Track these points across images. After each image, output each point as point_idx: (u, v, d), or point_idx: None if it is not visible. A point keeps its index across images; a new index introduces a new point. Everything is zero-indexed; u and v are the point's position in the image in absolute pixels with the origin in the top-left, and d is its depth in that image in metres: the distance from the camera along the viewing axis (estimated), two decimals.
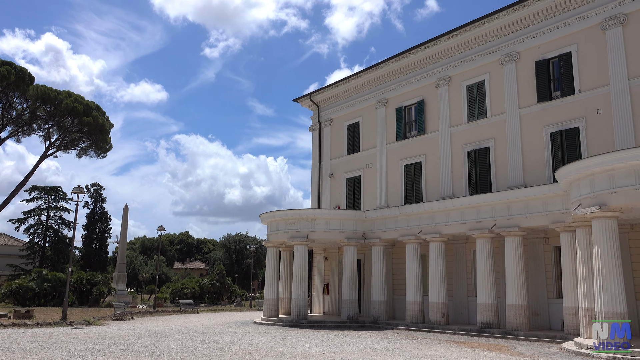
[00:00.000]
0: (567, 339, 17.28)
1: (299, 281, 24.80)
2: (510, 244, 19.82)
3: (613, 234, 14.78)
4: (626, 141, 18.77)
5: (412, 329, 21.98)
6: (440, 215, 22.45)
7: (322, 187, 31.72)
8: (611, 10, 19.97)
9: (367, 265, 27.69)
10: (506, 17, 22.93)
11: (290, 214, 25.66)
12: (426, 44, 26.02)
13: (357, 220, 25.62)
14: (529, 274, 20.89)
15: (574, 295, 17.58)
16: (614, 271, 14.49)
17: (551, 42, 21.75)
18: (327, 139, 32.06)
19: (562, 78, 21.28)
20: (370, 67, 29.13)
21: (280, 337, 18.81)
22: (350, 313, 24.62)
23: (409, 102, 27.38)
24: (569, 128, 20.69)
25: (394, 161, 27.55)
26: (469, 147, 24.15)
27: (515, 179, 21.99)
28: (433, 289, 22.23)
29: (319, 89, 32.66)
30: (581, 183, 15.63)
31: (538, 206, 19.14)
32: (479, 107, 24.08)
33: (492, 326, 20.02)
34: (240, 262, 77.72)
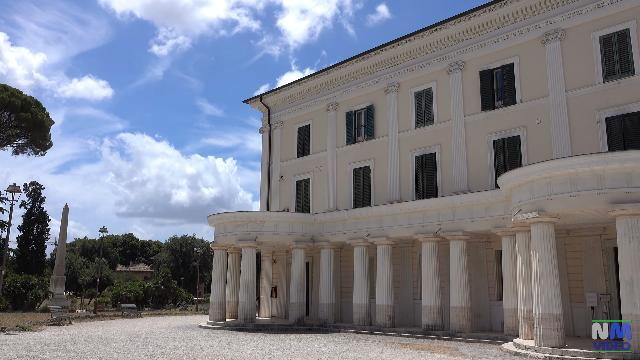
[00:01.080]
0: (507, 339, 17.92)
1: (247, 284, 24.60)
2: (455, 247, 20.38)
3: (550, 238, 15.45)
4: (563, 150, 19.68)
5: (359, 332, 22.21)
6: (387, 219, 22.82)
7: (272, 189, 31.62)
8: (550, 25, 20.91)
9: (315, 268, 27.79)
10: (453, 27, 23.60)
11: (238, 216, 25.43)
12: (376, 50, 26.43)
13: (306, 223, 25.68)
14: (472, 277, 21.53)
15: (513, 297, 18.25)
16: (550, 274, 15.14)
17: (495, 53, 22.55)
18: (277, 141, 32.00)
19: (505, 88, 22.09)
20: (321, 70, 29.31)
21: (227, 341, 18.59)
22: (298, 316, 24.63)
23: (359, 106, 27.72)
24: (510, 136, 21.49)
25: (343, 165, 27.81)
26: (416, 152, 24.68)
27: (460, 184, 22.64)
28: (380, 292, 22.56)
29: (269, 91, 32.56)
30: (521, 189, 16.26)
31: (481, 211, 19.77)
32: (426, 114, 24.65)
33: (436, 328, 20.50)
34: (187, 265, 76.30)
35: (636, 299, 13.46)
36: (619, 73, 19.00)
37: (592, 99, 19.45)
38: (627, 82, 18.72)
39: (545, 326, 14.83)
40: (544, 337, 14.79)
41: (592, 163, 14.34)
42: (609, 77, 19.22)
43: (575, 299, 18.77)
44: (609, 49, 19.34)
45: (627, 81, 18.71)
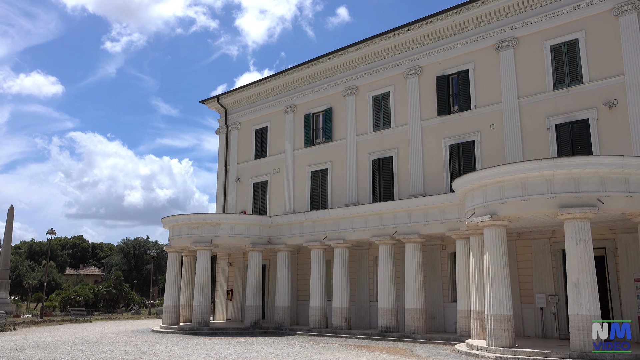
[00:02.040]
0: (459, 340, 18.24)
1: (202, 287, 24.19)
2: (410, 250, 20.63)
3: (502, 241, 15.82)
4: (515, 155, 20.23)
5: (315, 334, 22.17)
6: (344, 222, 22.90)
7: (228, 191, 31.25)
8: (504, 33, 21.49)
9: (272, 270, 27.61)
10: (410, 33, 23.94)
11: (194, 218, 24.99)
12: (335, 53, 26.53)
13: (263, 226, 25.49)
14: (427, 279, 21.84)
15: (466, 299, 18.60)
16: (502, 276, 15.51)
17: (451, 59, 22.99)
18: (235, 142, 31.67)
19: (460, 94, 22.55)
20: (280, 72, 29.20)
21: (180, 345, 18.20)
22: (254, 319, 24.39)
23: (317, 109, 27.74)
24: (465, 141, 21.95)
25: (301, 167, 27.76)
26: (373, 155, 24.88)
27: (416, 187, 22.95)
28: (336, 294, 22.60)
29: (227, 92, 32.20)
30: (475, 193, 16.61)
31: (436, 214, 20.09)
32: (384, 118, 24.90)
33: (391, 330, 20.68)
34: (140, 268, 74.48)
35: (582, 300, 13.93)
36: (568, 81, 19.69)
37: (543, 106, 20.08)
38: (575, 91, 19.42)
39: (496, 327, 15.16)
40: (495, 337, 15.12)
41: (542, 168, 14.77)
42: (559, 85, 19.89)
43: (525, 300, 19.30)
44: (560, 58, 20.03)
45: (576, 89, 19.41)
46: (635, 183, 14.59)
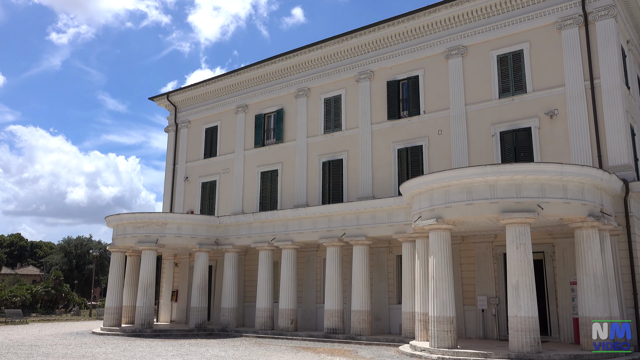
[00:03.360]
0: (404, 342, 18.49)
1: (146, 288, 23.57)
2: (358, 252, 20.78)
3: (447, 244, 16.15)
4: (461, 160, 20.73)
5: (261, 336, 22.00)
6: (293, 223, 22.84)
7: (176, 190, 30.64)
8: (453, 41, 22.01)
9: (218, 271, 27.23)
10: (363, 37, 24.17)
11: (139, 217, 24.34)
12: (288, 55, 26.46)
13: (211, 226, 25.10)
14: (373, 281, 22.06)
15: (411, 301, 18.89)
16: (445, 279, 15.82)
17: (402, 64, 23.35)
18: (184, 141, 31.09)
19: (410, 99, 22.93)
20: (232, 71, 28.88)
21: (121, 347, 17.65)
22: (199, 321, 23.97)
23: (268, 109, 27.58)
24: (414, 145, 22.32)
25: (251, 168, 27.52)
26: (324, 157, 24.94)
27: (365, 190, 23.16)
28: (283, 296, 22.50)
29: (177, 89, 31.57)
30: (422, 197, 16.89)
31: (384, 217, 20.33)
32: (335, 120, 25.01)
33: (337, 331, 20.76)
34: (82, 268, 71.93)
35: (521, 302, 14.39)
36: (513, 90, 20.35)
37: (489, 114, 20.67)
38: (519, 100, 20.09)
39: (439, 328, 15.46)
40: (438, 338, 15.41)
41: (487, 174, 15.18)
42: (504, 94, 20.53)
43: (467, 302, 19.78)
44: (505, 68, 20.68)
45: (520, 98, 20.08)
46: (573, 190, 15.21)
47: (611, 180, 16.04)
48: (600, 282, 15.12)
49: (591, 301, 14.98)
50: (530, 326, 14.22)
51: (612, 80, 18.43)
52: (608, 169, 17.59)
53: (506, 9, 20.85)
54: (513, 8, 20.72)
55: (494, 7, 21.03)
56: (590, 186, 15.55)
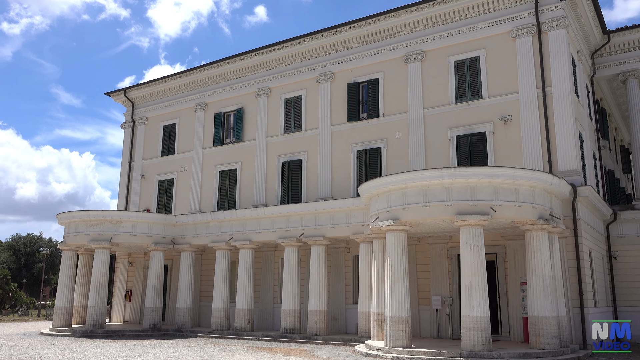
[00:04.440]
0: (360, 341, 18.67)
1: (98, 287, 22.99)
2: (316, 252, 20.85)
3: (403, 245, 16.40)
4: (419, 163, 21.10)
5: (217, 336, 21.79)
6: (251, 223, 22.73)
7: (132, 188, 30.00)
8: (413, 46, 22.38)
9: (174, 271, 26.81)
10: (324, 39, 24.29)
11: (92, 215, 23.72)
12: (249, 54, 26.32)
13: (167, 225, 24.70)
14: (331, 282, 22.18)
15: (368, 301, 19.08)
16: (401, 279, 16.07)
17: (362, 67, 23.58)
18: (141, 138, 30.48)
19: (370, 101, 23.18)
20: (192, 69, 28.51)
21: (71, 349, 17.15)
22: (153, 321, 23.54)
23: (228, 108, 27.35)
24: (373, 147, 22.57)
25: (209, 166, 27.22)
26: (283, 158, 24.92)
27: (323, 191, 23.26)
28: (240, 296, 22.36)
29: (134, 85, 30.94)
30: (379, 198, 17.10)
31: (342, 218, 20.47)
32: (295, 121, 25.03)
33: (294, 331, 20.77)
34: (31, 267, 69.41)
35: (474, 302, 14.76)
36: (469, 96, 20.85)
37: (446, 118, 21.11)
38: (475, 105, 20.60)
39: (394, 328, 15.68)
40: (393, 338, 15.63)
41: (443, 176, 15.50)
42: (460, 99, 21.01)
43: (422, 302, 20.14)
44: (462, 73, 21.16)
45: (476, 104, 20.60)
46: (524, 193, 15.71)
47: (560, 184, 16.64)
48: (549, 282, 15.67)
49: (540, 301, 15.50)
50: (482, 325, 14.59)
51: (562, 88, 19.12)
52: (558, 173, 18.24)
53: (464, 16, 21.35)
54: (470, 15, 21.24)
55: (452, 14, 21.50)
56: (540, 190, 16.09)
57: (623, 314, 21.21)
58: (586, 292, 17.46)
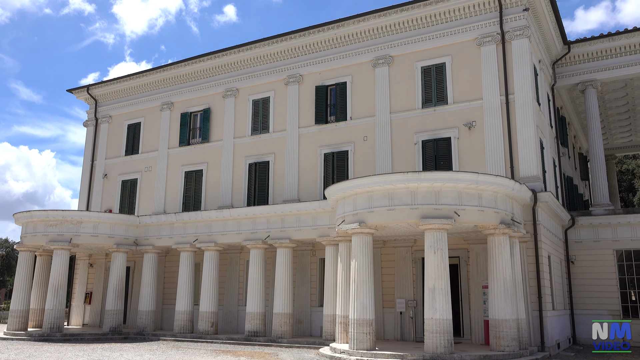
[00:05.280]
0: (324, 344, 18.68)
1: (56, 290, 22.36)
2: (281, 255, 20.79)
3: (368, 248, 16.51)
4: (385, 167, 21.29)
5: (180, 340, 21.47)
6: (217, 224, 22.51)
7: (94, 188, 29.33)
8: (381, 50, 22.59)
9: (137, 273, 26.30)
10: (293, 41, 24.29)
11: (52, 215, 23.07)
12: (217, 53, 26.10)
13: (130, 226, 24.23)
14: (296, 284, 22.14)
15: (333, 304, 19.12)
16: (366, 282, 16.16)
17: (331, 70, 23.66)
18: (104, 136, 29.84)
19: (338, 105, 23.27)
20: (158, 67, 28.08)
21: (26, 353, 16.62)
22: (114, 324, 23.03)
23: (195, 108, 27.04)
24: (340, 150, 22.66)
25: (174, 167, 26.84)
26: (250, 159, 24.78)
27: (290, 193, 23.22)
28: (204, 298, 22.10)
29: (98, 82, 30.27)
30: (346, 201, 17.18)
31: (308, 220, 20.48)
32: (262, 122, 24.93)
33: (258, 334, 20.65)
34: None
35: (437, 305, 14.96)
36: (435, 101, 21.16)
37: (412, 123, 21.36)
38: (441, 110, 20.92)
39: (359, 330, 15.75)
40: (357, 340, 15.70)
41: (408, 181, 15.68)
42: (427, 104, 21.30)
43: (387, 304, 20.30)
44: (429, 79, 21.47)
45: (441, 109, 20.91)
46: (487, 198, 16.03)
47: (521, 190, 17.05)
48: (509, 286, 16.01)
49: (500, 304, 15.83)
50: (445, 328, 14.80)
51: (525, 96, 19.60)
52: (519, 179, 18.68)
53: (431, 23, 21.68)
54: (437, 22, 21.58)
55: (420, 20, 21.80)
56: (502, 195, 16.44)
57: (579, 317, 21.89)
58: (545, 295, 17.92)
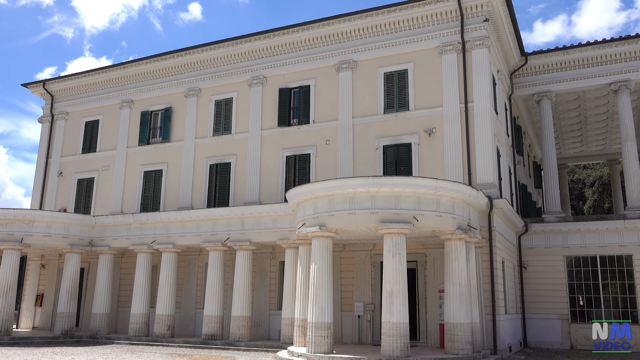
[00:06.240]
0: (282, 347, 18.64)
1: (5, 291, 21.58)
2: (241, 257, 20.65)
3: (328, 252, 16.57)
4: (346, 171, 21.43)
5: (135, 343, 21.03)
6: (176, 226, 22.18)
7: (48, 186, 28.46)
8: (345, 55, 22.76)
9: (91, 274, 25.63)
10: (257, 42, 24.21)
11: (2, 214, 22.25)
12: (180, 52, 25.77)
13: (85, 226, 23.60)
14: (255, 287, 22.02)
15: (292, 307, 19.10)
16: (325, 285, 16.21)
17: (294, 73, 23.68)
18: (60, 133, 29.00)
19: (301, 108, 23.31)
20: (119, 64, 27.51)
21: None
22: (66, 327, 22.38)
23: (156, 107, 26.60)
24: (302, 153, 22.69)
25: (133, 166, 26.31)
26: (211, 160, 24.53)
27: (251, 195, 23.10)
28: (161, 301, 21.72)
29: (55, 77, 29.43)
30: (307, 205, 17.21)
31: (269, 223, 20.41)
32: (225, 123, 24.72)
33: (216, 337, 20.43)
34: None
35: (394, 308, 15.14)
36: (397, 107, 21.45)
37: (374, 128, 21.59)
38: (402, 116, 21.22)
39: (317, 334, 15.78)
40: (315, 344, 15.73)
41: (369, 185, 15.83)
42: (388, 109, 21.57)
43: (345, 308, 20.41)
44: (391, 85, 21.75)
45: (403, 115, 21.22)
46: (445, 204, 16.34)
47: (478, 196, 17.46)
48: (465, 290, 16.36)
49: (455, 308, 16.15)
50: (401, 331, 15.00)
51: (483, 105, 20.09)
52: (476, 186, 19.12)
53: (394, 30, 21.98)
54: (401, 29, 21.90)
55: (384, 26, 22.08)
56: (460, 201, 16.79)
57: (530, 320, 22.55)
58: (498, 299, 18.38)
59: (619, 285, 21.98)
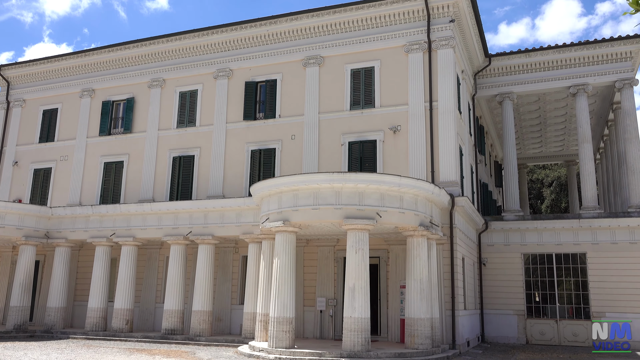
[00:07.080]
0: (244, 342, 18.54)
1: None
2: (203, 251, 20.41)
3: (291, 247, 16.54)
4: (311, 166, 21.42)
5: (92, 338, 20.55)
6: (136, 219, 21.75)
7: (2, 175, 27.48)
8: (312, 50, 22.71)
9: (47, 267, 24.91)
10: (224, 35, 23.92)
11: None
12: (144, 42, 25.23)
13: (42, 217, 22.90)
14: (217, 282, 21.81)
15: (254, 302, 19.01)
16: (288, 280, 16.19)
17: (261, 67, 23.51)
18: (16, 121, 28.02)
19: (267, 102, 23.16)
20: (80, 51, 26.74)
21: None
22: (19, 322, 21.68)
23: (118, 97, 25.98)
24: (267, 148, 22.56)
25: (93, 157, 25.65)
26: (175, 152, 24.14)
27: (215, 189, 22.84)
28: (119, 295, 21.28)
29: (12, 63, 28.40)
30: (271, 199, 17.12)
31: (232, 217, 20.23)
32: (189, 115, 24.35)
33: (176, 332, 20.15)
34: None
35: (356, 304, 15.24)
36: (362, 104, 21.55)
37: (340, 124, 21.63)
38: (368, 113, 21.33)
39: (278, 329, 15.75)
40: (277, 339, 15.70)
41: (333, 181, 15.86)
42: (354, 106, 21.64)
43: (308, 303, 20.43)
44: (357, 82, 21.82)
45: (368, 112, 21.33)
46: (408, 201, 16.51)
47: (441, 194, 17.71)
48: (425, 286, 16.59)
49: (416, 303, 16.36)
50: (362, 326, 15.11)
51: (447, 104, 20.38)
52: (439, 184, 19.39)
53: (361, 27, 22.05)
54: (368, 27, 21.98)
55: (351, 23, 22.12)
56: (423, 198, 17.00)
57: (488, 316, 23.07)
58: (458, 295, 18.73)
59: (573, 282, 22.72)
